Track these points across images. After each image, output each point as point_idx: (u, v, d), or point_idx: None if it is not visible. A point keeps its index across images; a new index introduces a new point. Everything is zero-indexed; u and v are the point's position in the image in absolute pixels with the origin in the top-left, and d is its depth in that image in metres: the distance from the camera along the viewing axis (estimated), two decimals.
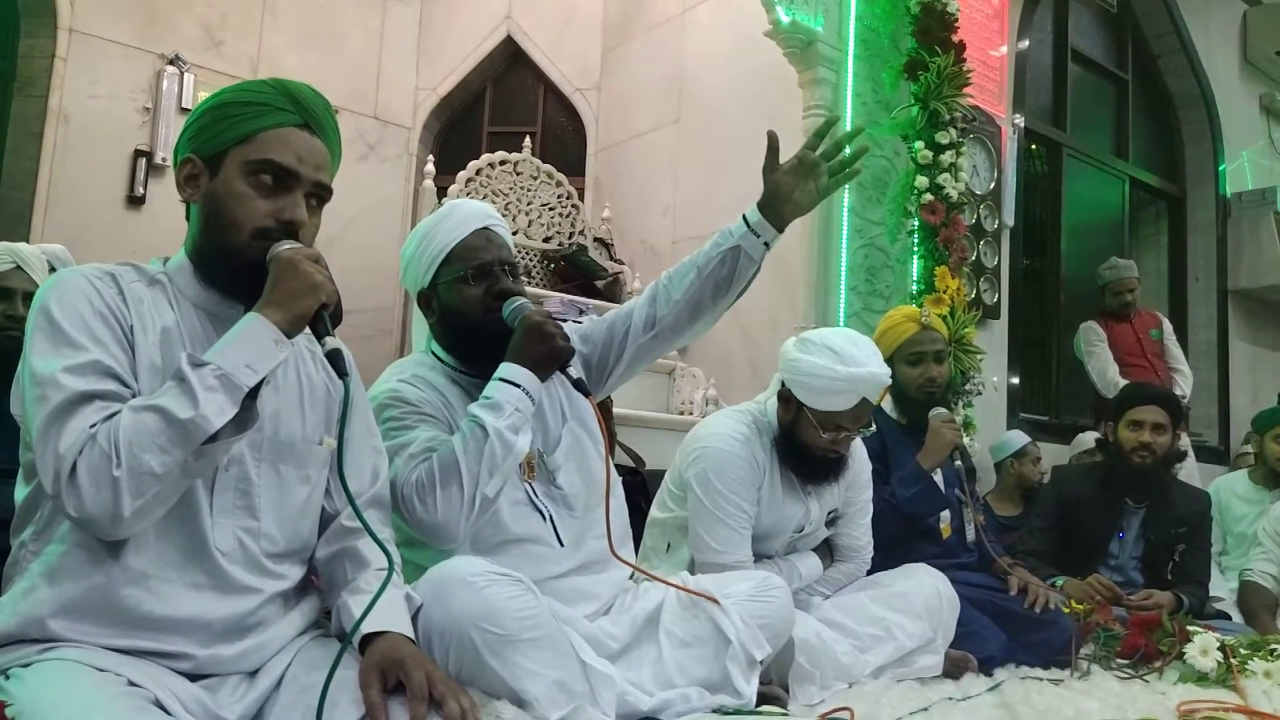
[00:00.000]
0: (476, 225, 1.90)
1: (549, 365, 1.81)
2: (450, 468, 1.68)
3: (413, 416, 1.80)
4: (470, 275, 1.86)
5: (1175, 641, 2.56)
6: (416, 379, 1.87)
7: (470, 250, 1.88)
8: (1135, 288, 5.23)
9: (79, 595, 1.25)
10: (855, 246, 4.43)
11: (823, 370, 2.24)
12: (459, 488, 1.68)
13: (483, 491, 1.70)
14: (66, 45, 4.98)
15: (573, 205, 5.97)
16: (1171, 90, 6.59)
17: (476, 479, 1.68)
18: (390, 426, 1.78)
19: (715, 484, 2.27)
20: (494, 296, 1.86)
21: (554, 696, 1.56)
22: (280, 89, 1.42)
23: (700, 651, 1.85)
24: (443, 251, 1.88)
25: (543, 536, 1.85)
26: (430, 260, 1.89)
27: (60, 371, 1.23)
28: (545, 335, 1.79)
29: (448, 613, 1.54)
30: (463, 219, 1.90)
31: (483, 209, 1.95)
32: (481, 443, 1.69)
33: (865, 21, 4.52)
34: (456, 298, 1.87)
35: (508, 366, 1.78)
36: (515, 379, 1.76)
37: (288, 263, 1.32)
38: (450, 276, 1.88)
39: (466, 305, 1.86)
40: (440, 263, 1.88)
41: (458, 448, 1.69)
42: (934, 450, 2.76)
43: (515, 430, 1.73)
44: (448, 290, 1.88)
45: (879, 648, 2.29)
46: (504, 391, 1.75)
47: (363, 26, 6.18)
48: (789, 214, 1.98)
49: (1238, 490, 4.23)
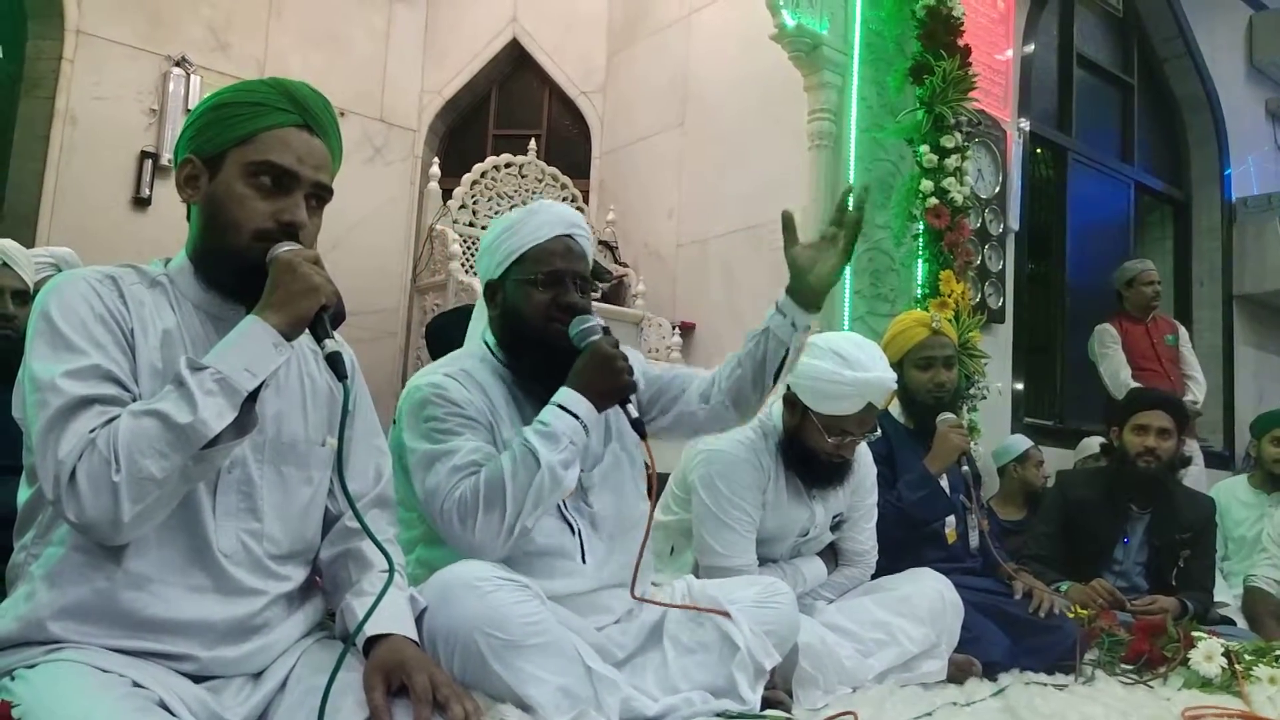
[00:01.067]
0: (559, 231, 1.87)
1: (611, 399, 1.78)
2: (496, 492, 1.66)
3: (456, 419, 1.77)
4: (540, 281, 1.83)
5: (1180, 647, 2.56)
6: (463, 374, 1.84)
7: (547, 255, 1.85)
8: (1159, 280, 5.22)
9: (80, 598, 1.25)
10: (860, 250, 4.42)
11: (828, 375, 2.23)
12: (501, 514, 1.66)
13: (523, 521, 1.68)
14: (73, 47, 5.00)
15: (577, 208, 5.97)
16: (1177, 94, 6.58)
17: (520, 509, 1.67)
18: (432, 427, 1.76)
19: (720, 488, 2.27)
20: (559, 307, 1.83)
21: (558, 702, 1.56)
22: (279, 88, 1.41)
23: (705, 658, 1.85)
24: (519, 249, 1.86)
25: (568, 550, 1.83)
26: (506, 254, 1.87)
27: (60, 376, 1.23)
28: (614, 370, 1.76)
29: (453, 617, 1.54)
30: (547, 221, 1.88)
31: (570, 215, 1.92)
32: (532, 473, 1.67)
33: (870, 25, 4.52)
34: (522, 299, 1.85)
35: (570, 394, 1.75)
36: (575, 409, 1.74)
37: (287, 265, 1.32)
38: (520, 276, 1.85)
39: (531, 309, 1.84)
40: (514, 260, 1.86)
41: (506, 472, 1.67)
42: (941, 455, 2.75)
43: (566, 465, 1.71)
44: (515, 289, 1.86)
45: (883, 652, 2.29)
46: (562, 421, 1.72)
47: (368, 29, 6.19)
48: (816, 286, 1.90)
49: (1238, 495, 4.22)
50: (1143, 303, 5.17)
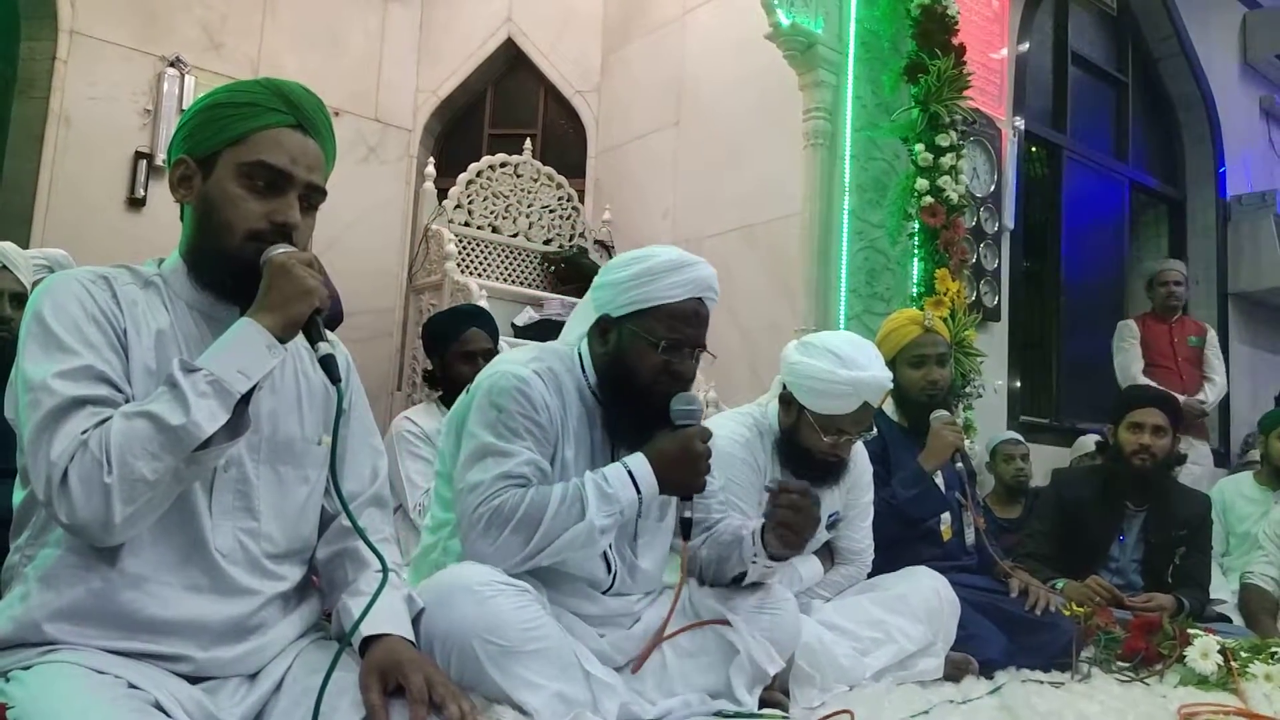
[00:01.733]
0: (696, 294, 1.83)
1: (678, 491, 1.78)
2: (531, 520, 1.66)
3: (526, 422, 1.74)
4: (663, 344, 1.79)
5: (1176, 644, 2.56)
6: (549, 374, 1.81)
7: (675, 318, 1.80)
8: (1179, 281, 5.27)
9: (75, 599, 1.25)
10: (855, 249, 4.43)
11: (824, 374, 2.23)
12: (525, 542, 1.66)
13: (542, 558, 1.68)
14: (67, 47, 4.98)
15: (573, 207, 5.98)
16: (1171, 93, 6.59)
17: (546, 547, 1.66)
18: (501, 420, 1.74)
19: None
20: (670, 374, 1.80)
21: (554, 707, 1.56)
22: (273, 89, 1.41)
23: (705, 661, 1.85)
24: (651, 302, 1.81)
25: (599, 581, 1.83)
26: (635, 299, 1.81)
27: (52, 377, 1.22)
28: (696, 469, 1.75)
29: (451, 621, 1.54)
30: (688, 281, 1.83)
31: (709, 280, 1.87)
32: (573, 521, 1.67)
33: (865, 24, 4.53)
34: (636, 354, 1.80)
35: (643, 467, 1.73)
36: (641, 484, 1.72)
37: (281, 267, 1.31)
38: (642, 330, 1.80)
39: (641, 366, 1.80)
40: (642, 309, 1.81)
41: (550, 507, 1.66)
42: (935, 452, 2.76)
43: (605, 531, 1.70)
44: (632, 339, 1.81)
45: (879, 650, 2.29)
46: (624, 489, 1.71)
47: (363, 28, 6.18)
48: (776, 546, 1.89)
49: (1243, 490, 4.23)
50: (1160, 302, 5.29)
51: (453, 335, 3.23)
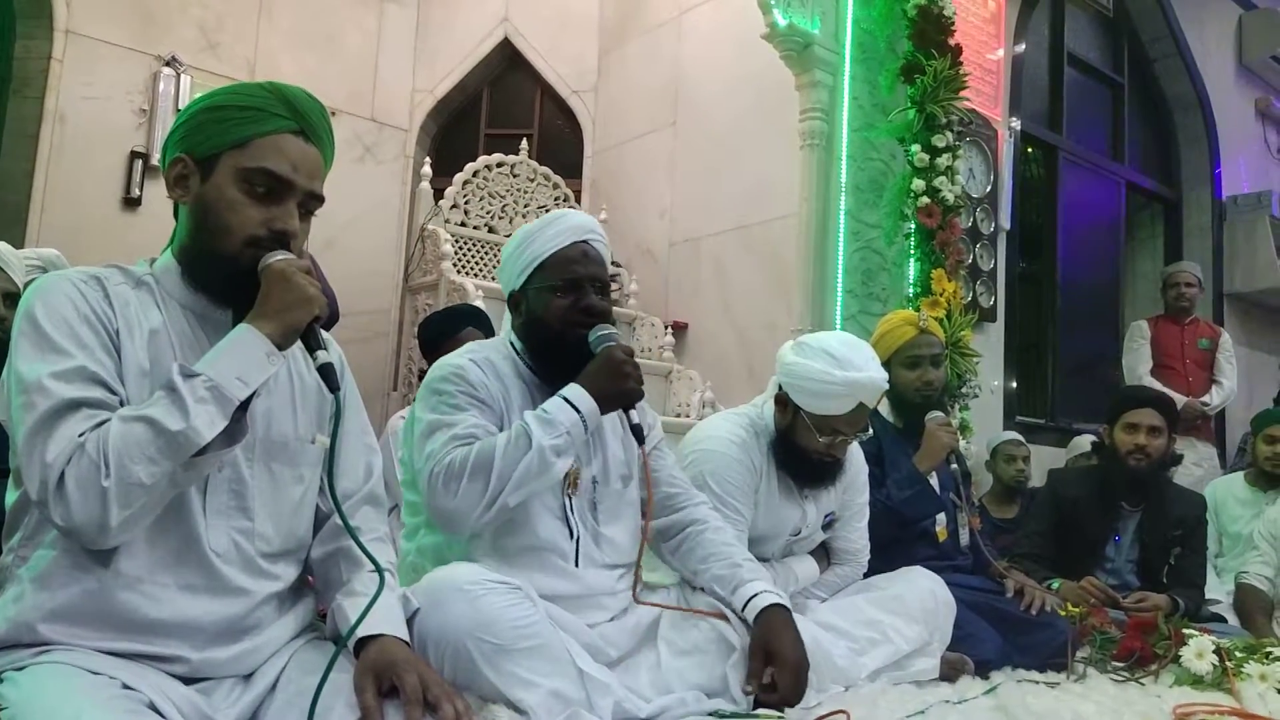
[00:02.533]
0: (576, 238, 1.91)
1: (615, 402, 1.84)
2: (484, 463, 1.70)
3: (466, 397, 1.82)
4: (560, 288, 1.87)
5: (1171, 644, 2.56)
6: (485, 362, 1.89)
7: (565, 262, 1.89)
8: (1190, 283, 5.32)
9: (70, 600, 1.24)
10: (852, 249, 4.43)
11: (820, 375, 2.23)
12: (485, 485, 1.70)
13: (505, 498, 1.71)
14: (62, 47, 4.97)
15: (569, 207, 5.97)
16: (1167, 94, 6.60)
17: (505, 483, 1.70)
18: (443, 401, 1.81)
19: (712, 487, 2.26)
20: (579, 311, 1.88)
21: (549, 705, 1.56)
22: (277, 94, 1.40)
23: (700, 659, 1.85)
24: (538, 258, 1.90)
25: (563, 550, 1.84)
26: (526, 264, 1.91)
27: (46, 377, 1.22)
28: (622, 374, 1.82)
29: (444, 621, 1.55)
30: (564, 230, 1.92)
31: (586, 222, 1.96)
32: (523, 452, 1.71)
33: (862, 25, 4.54)
34: (543, 306, 1.89)
35: (576, 389, 1.80)
36: (578, 404, 1.78)
37: (280, 275, 1.31)
38: (541, 284, 1.89)
39: (552, 316, 1.88)
40: (534, 269, 1.90)
41: (498, 447, 1.71)
42: (930, 453, 2.76)
43: (558, 452, 1.74)
44: (536, 297, 1.90)
45: (875, 651, 2.28)
46: (562, 411, 1.77)
47: (359, 28, 6.17)
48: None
49: (1235, 492, 4.24)
50: (1170, 303, 5.37)
51: (449, 335, 3.22)
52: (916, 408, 2.85)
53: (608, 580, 1.89)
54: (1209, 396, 5.21)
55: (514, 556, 1.78)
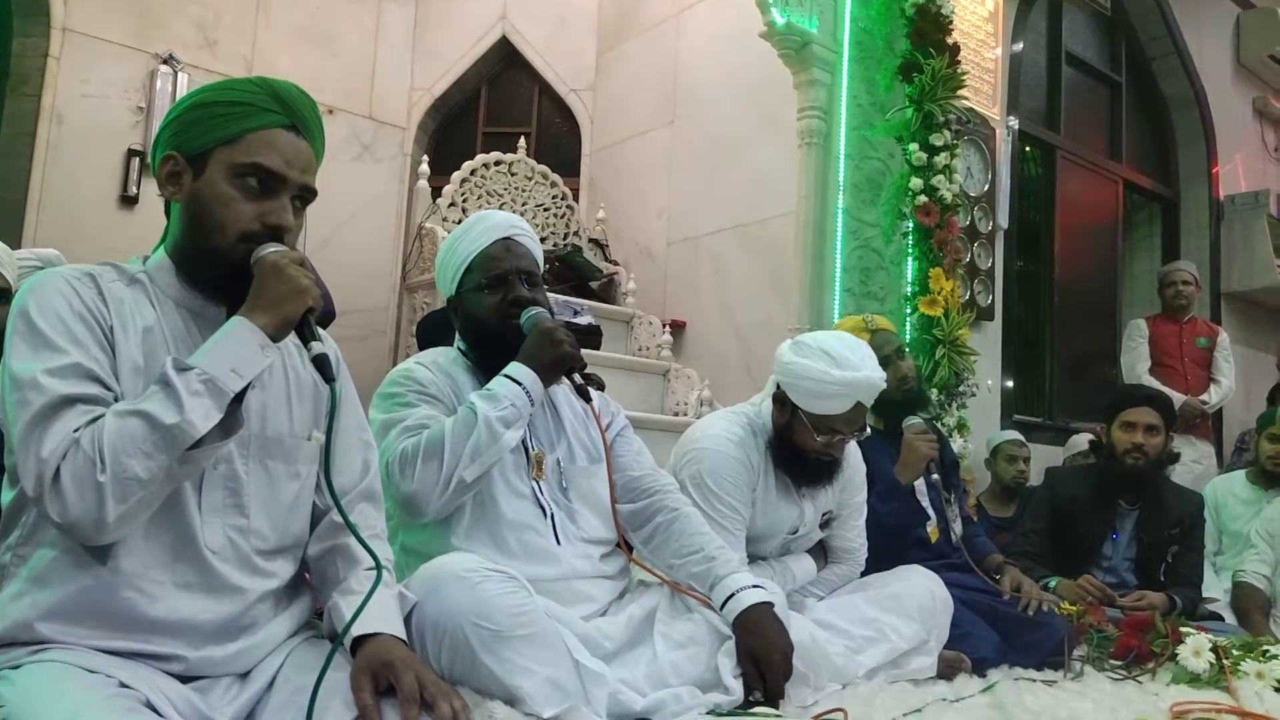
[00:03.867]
0: (498, 235, 1.98)
1: (555, 369, 1.89)
2: (435, 445, 1.76)
3: (416, 394, 1.88)
4: (486, 285, 1.95)
5: (1168, 643, 2.57)
6: (434, 365, 1.96)
7: (489, 260, 1.96)
8: (1187, 281, 5.34)
9: (68, 599, 1.24)
10: (850, 248, 4.43)
11: (818, 374, 2.23)
12: (439, 464, 1.75)
13: (460, 474, 1.75)
14: (60, 44, 4.96)
15: (567, 206, 5.97)
16: (1165, 93, 6.60)
17: (458, 459, 1.75)
18: (394, 402, 1.87)
19: (710, 485, 2.27)
20: (509, 304, 1.94)
21: (547, 693, 1.56)
22: (267, 89, 1.40)
23: (695, 652, 1.85)
24: (465, 260, 1.97)
25: (538, 528, 1.88)
26: (455, 269, 1.98)
27: (41, 374, 1.22)
28: (554, 340, 1.88)
29: (441, 608, 1.55)
30: (485, 229, 1.98)
31: (506, 219, 2.02)
32: (470, 427, 1.77)
33: (860, 23, 4.53)
34: (475, 306, 1.96)
35: (513, 365, 1.86)
36: (518, 376, 1.84)
37: (273, 267, 1.31)
38: (470, 285, 1.96)
39: (484, 313, 1.95)
40: (463, 272, 1.97)
41: (447, 428, 1.77)
42: (910, 464, 2.73)
43: (506, 424, 1.79)
44: (469, 299, 1.98)
45: (873, 649, 2.29)
46: (504, 386, 1.83)
47: (357, 26, 6.16)
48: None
49: (1235, 490, 4.24)
50: (1168, 302, 5.39)
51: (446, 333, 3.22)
52: (898, 405, 2.82)
53: (591, 558, 1.92)
54: (1207, 395, 5.23)
55: (493, 539, 1.83)
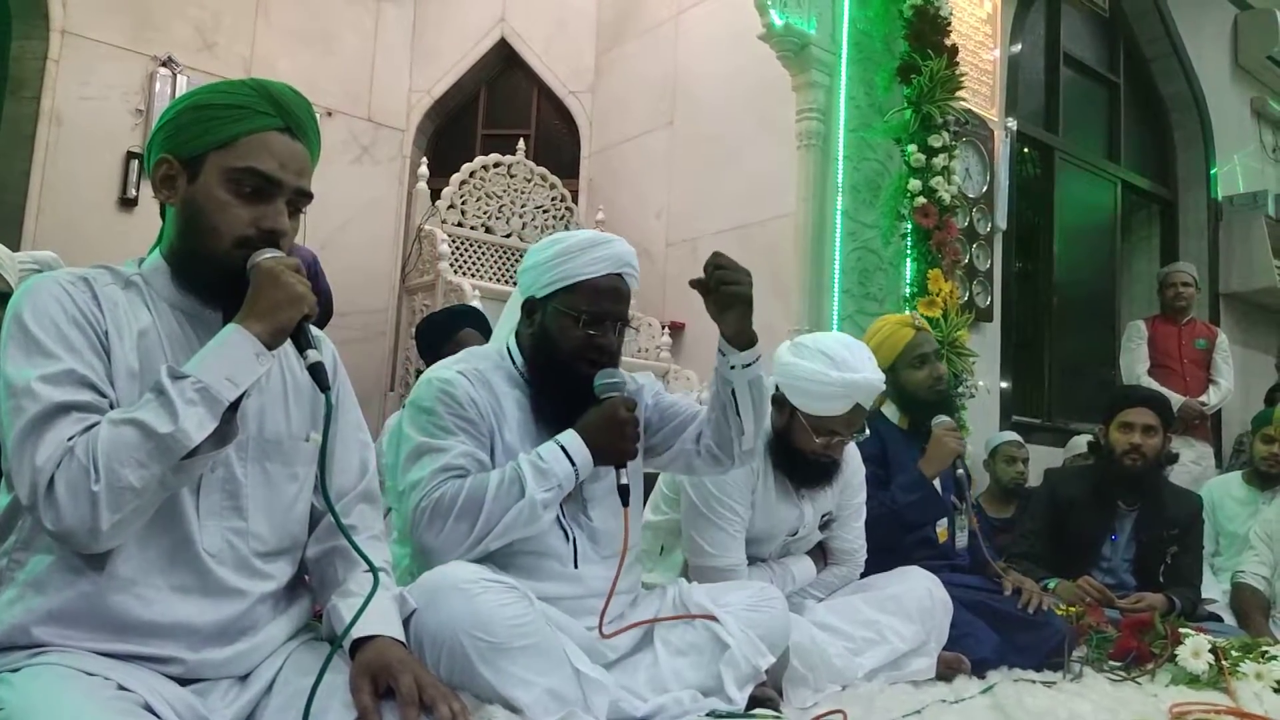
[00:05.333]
0: (613, 269, 1.87)
1: (610, 460, 1.81)
2: (471, 506, 1.70)
3: (455, 419, 1.79)
4: (582, 318, 1.84)
5: (1167, 643, 2.57)
6: (475, 374, 1.85)
7: (595, 293, 1.85)
8: (1186, 283, 5.36)
9: (66, 603, 1.24)
10: (848, 250, 4.43)
11: (816, 375, 2.23)
12: (470, 528, 1.70)
13: (488, 543, 1.71)
14: (59, 47, 4.97)
15: (566, 208, 5.98)
16: (1163, 94, 6.61)
17: (490, 530, 1.70)
18: (432, 422, 1.79)
19: (709, 487, 2.27)
20: (593, 348, 1.84)
21: (545, 704, 1.56)
22: (261, 91, 1.38)
23: (696, 659, 1.85)
24: (570, 279, 1.85)
25: (560, 554, 1.85)
26: (555, 279, 1.86)
27: (35, 381, 1.21)
28: (623, 435, 1.79)
29: (440, 619, 1.54)
30: (604, 257, 1.87)
31: (627, 255, 1.91)
32: (513, 500, 1.71)
33: (858, 25, 4.54)
34: (560, 329, 1.85)
35: (574, 440, 1.77)
36: (574, 457, 1.76)
37: (269, 273, 1.30)
38: (564, 306, 1.85)
39: (565, 340, 1.84)
40: (562, 287, 1.85)
41: (489, 491, 1.70)
42: (937, 458, 2.74)
43: (547, 506, 1.74)
44: (555, 317, 1.86)
45: (872, 650, 2.29)
46: (558, 462, 1.75)
47: (356, 28, 6.16)
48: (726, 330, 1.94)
49: (1232, 491, 4.25)
50: (1167, 303, 5.41)
51: (446, 335, 3.23)
52: (929, 406, 2.83)
53: (607, 576, 1.87)
54: (1206, 396, 5.23)
55: (512, 563, 1.78)
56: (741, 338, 1.92)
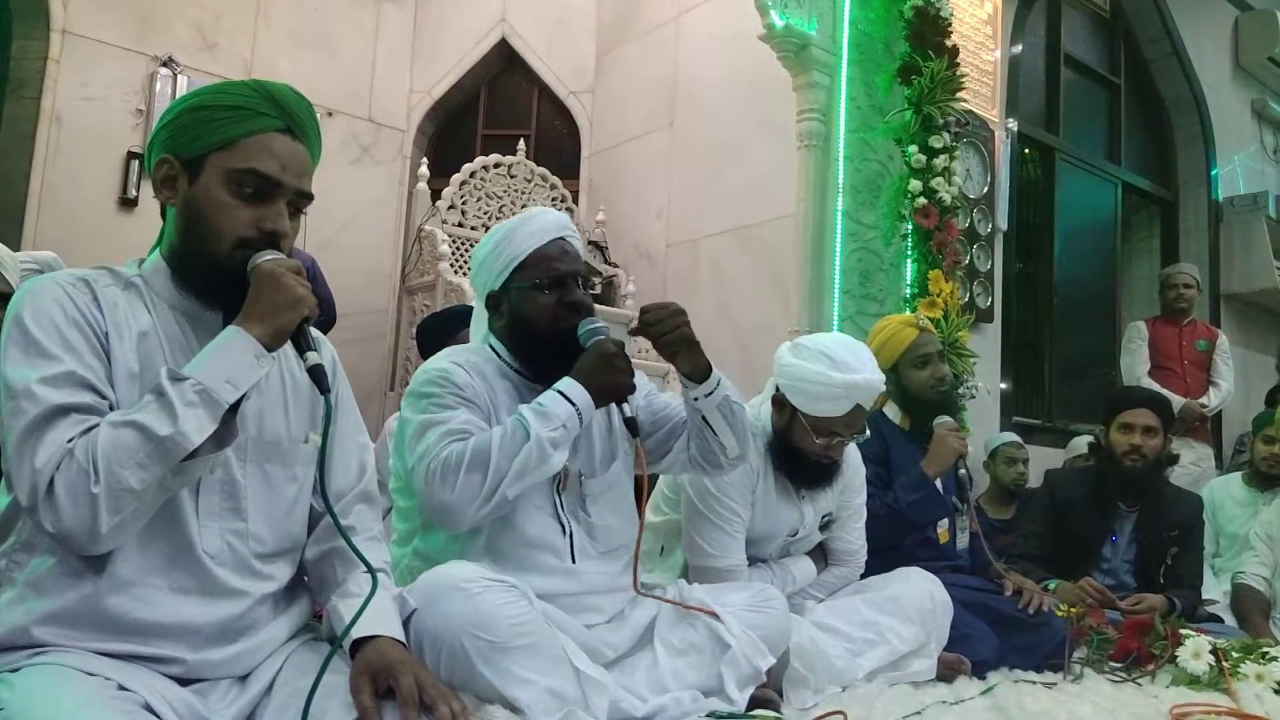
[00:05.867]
0: (553, 235, 1.91)
1: (609, 395, 1.83)
2: (481, 456, 1.70)
3: (454, 397, 1.82)
4: (545, 285, 1.87)
5: (1167, 645, 2.57)
6: (470, 365, 1.89)
7: (546, 260, 1.89)
8: (1188, 284, 5.35)
9: (65, 604, 1.24)
10: (849, 250, 4.43)
11: (817, 376, 2.23)
12: (483, 477, 1.69)
13: (504, 490, 1.71)
14: (59, 47, 4.97)
15: (567, 208, 5.97)
16: (1164, 95, 6.61)
17: (503, 476, 1.70)
18: (431, 402, 1.81)
19: (709, 487, 2.27)
20: (565, 306, 1.88)
21: (545, 703, 1.55)
22: (262, 91, 1.38)
23: (696, 659, 1.85)
24: (518, 257, 1.89)
25: (556, 547, 1.84)
26: (505, 263, 1.90)
27: (35, 383, 1.21)
28: (615, 367, 1.82)
29: (440, 618, 1.54)
30: (540, 228, 1.92)
31: (561, 219, 1.96)
32: (520, 443, 1.71)
33: (859, 26, 4.54)
34: (528, 305, 1.88)
35: (570, 383, 1.80)
36: (572, 397, 1.78)
37: (269, 276, 1.30)
38: (524, 283, 1.89)
39: (538, 314, 1.88)
40: (514, 268, 1.89)
41: (495, 440, 1.71)
42: (939, 458, 2.74)
43: (555, 445, 1.74)
44: (520, 296, 1.89)
45: (872, 651, 2.29)
46: (558, 404, 1.77)
47: (357, 29, 6.17)
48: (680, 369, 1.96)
49: (1232, 492, 4.24)
50: (1168, 305, 5.40)
51: (446, 336, 3.22)
52: (932, 406, 2.84)
53: (606, 573, 1.89)
54: (1207, 398, 5.23)
55: (509, 556, 1.79)
56: (697, 372, 1.94)
